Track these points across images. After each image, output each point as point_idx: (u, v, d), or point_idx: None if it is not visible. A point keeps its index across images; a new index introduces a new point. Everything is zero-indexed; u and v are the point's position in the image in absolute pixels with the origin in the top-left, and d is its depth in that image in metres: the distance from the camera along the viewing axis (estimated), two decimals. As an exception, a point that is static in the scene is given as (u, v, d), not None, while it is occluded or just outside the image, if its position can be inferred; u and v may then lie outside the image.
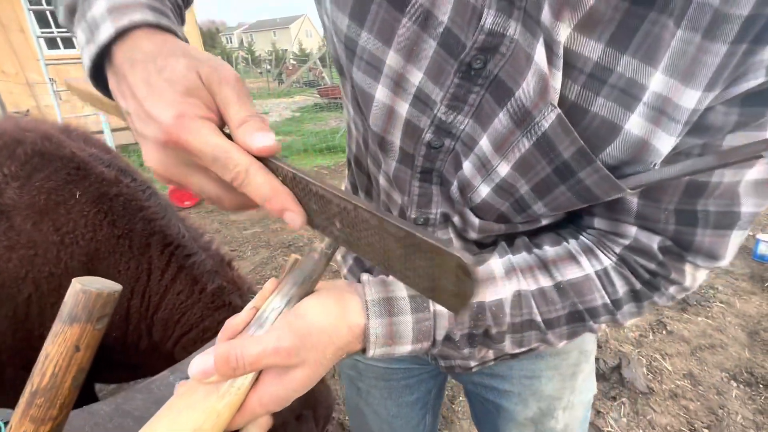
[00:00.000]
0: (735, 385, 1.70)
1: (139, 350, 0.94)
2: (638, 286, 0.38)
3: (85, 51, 0.30)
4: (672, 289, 0.38)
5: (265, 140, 0.27)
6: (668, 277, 0.37)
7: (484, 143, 0.34)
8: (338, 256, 0.63)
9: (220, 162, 0.27)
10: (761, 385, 1.68)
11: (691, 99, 0.27)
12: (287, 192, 0.29)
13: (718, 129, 0.29)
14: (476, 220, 0.39)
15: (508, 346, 0.39)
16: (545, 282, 0.38)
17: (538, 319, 0.38)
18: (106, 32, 0.28)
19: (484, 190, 0.36)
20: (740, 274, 2.44)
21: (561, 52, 0.27)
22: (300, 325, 0.31)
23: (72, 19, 0.32)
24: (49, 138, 0.91)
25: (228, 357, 0.28)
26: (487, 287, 0.37)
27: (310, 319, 0.31)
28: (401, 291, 0.36)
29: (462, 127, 0.34)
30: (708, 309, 2.16)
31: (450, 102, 0.33)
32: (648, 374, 1.77)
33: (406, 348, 0.35)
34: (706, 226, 0.33)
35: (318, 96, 9.69)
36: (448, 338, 0.36)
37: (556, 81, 0.28)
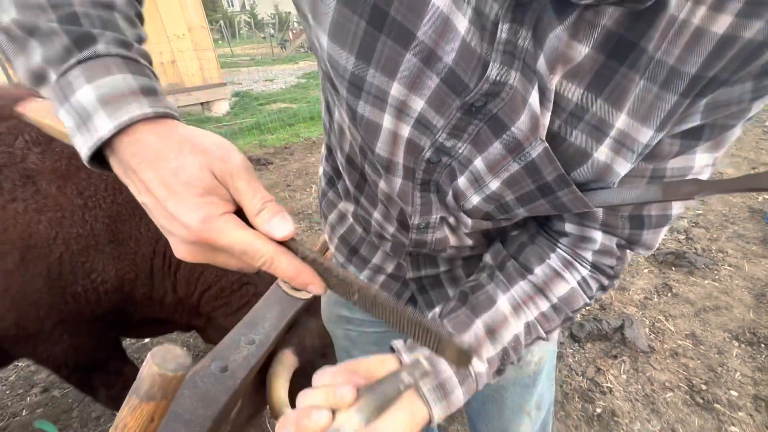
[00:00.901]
0: (736, 344, 1.74)
1: (165, 305, 1.01)
2: (606, 282, 0.49)
3: (78, 137, 0.31)
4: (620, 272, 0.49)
5: (283, 230, 0.32)
6: (622, 265, 0.48)
7: (479, 164, 0.38)
8: (326, 235, 0.66)
9: (249, 254, 0.32)
10: (763, 345, 1.72)
11: (645, 136, 0.33)
12: (309, 270, 0.34)
13: (665, 156, 0.36)
14: (469, 221, 0.45)
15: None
16: (544, 306, 0.48)
17: (543, 334, 0.48)
18: (104, 128, 0.30)
19: (475, 199, 0.42)
20: (752, 238, 2.42)
21: (552, 96, 0.32)
22: None
23: (38, 86, 0.33)
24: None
25: None
26: (503, 328, 0.46)
27: (396, 427, 0.36)
28: (447, 368, 0.43)
29: (460, 150, 0.38)
30: (716, 272, 2.17)
31: (451, 131, 0.37)
32: (650, 334, 1.82)
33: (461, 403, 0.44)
34: (649, 227, 0.43)
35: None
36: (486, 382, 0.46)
37: (546, 119, 0.33)
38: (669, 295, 2.05)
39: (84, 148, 0.31)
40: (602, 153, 0.35)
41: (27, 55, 0.32)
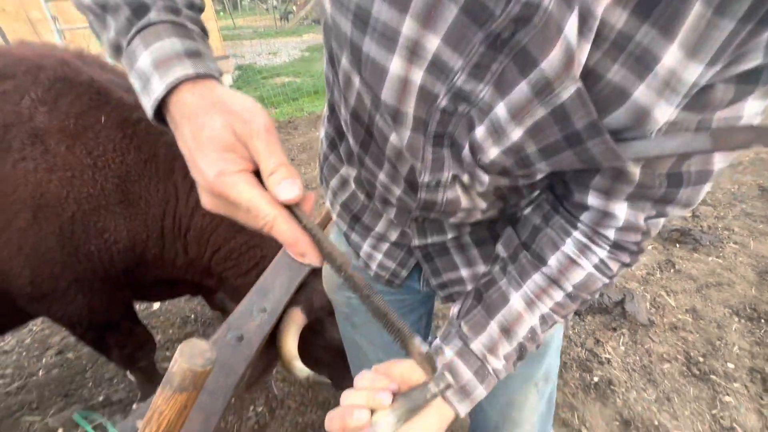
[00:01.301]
0: (737, 319, 1.76)
1: (176, 266, 1.03)
2: (628, 259, 0.46)
3: (144, 99, 0.35)
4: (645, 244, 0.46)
5: (289, 193, 0.33)
6: (649, 238, 0.44)
7: (500, 110, 0.34)
8: (327, 202, 0.65)
9: (252, 213, 0.33)
10: (763, 320, 1.74)
11: (693, 73, 0.29)
12: (306, 239, 0.35)
13: (716, 106, 0.31)
14: (486, 178, 0.41)
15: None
16: (558, 296, 0.47)
17: (560, 320, 0.48)
18: (157, 89, 0.33)
19: (493, 152, 0.38)
20: (760, 216, 2.40)
21: (596, 25, 0.28)
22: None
23: (118, 57, 0.38)
24: (67, 63, 0.92)
25: None
26: (518, 325, 0.47)
27: (427, 426, 0.42)
28: (466, 372, 0.46)
29: (481, 95, 0.34)
30: (720, 249, 2.17)
31: (472, 70, 0.33)
32: (651, 309, 1.84)
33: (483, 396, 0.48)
34: (688, 184, 0.39)
35: (328, 34, 9.10)
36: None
37: (583, 54, 0.29)
38: (672, 271, 2.06)
39: (148, 108, 0.35)
40: (642, 93, 0.30)
41: (107, 30, 0.37)
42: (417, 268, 0.63)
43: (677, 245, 2.24)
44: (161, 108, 0.35)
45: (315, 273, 1.01)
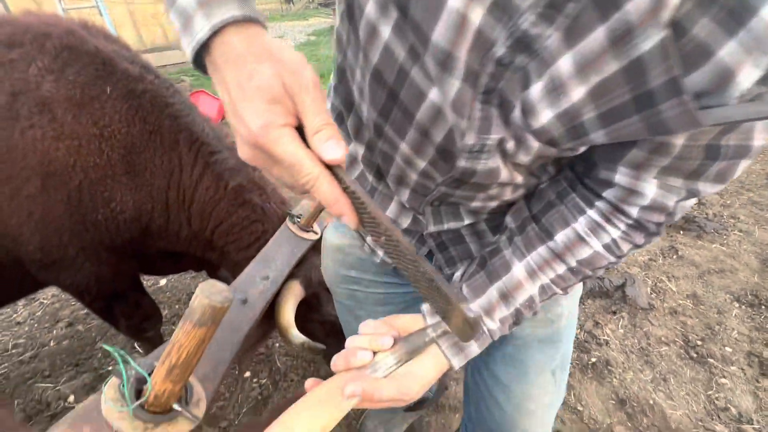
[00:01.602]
0: (737, 305, 1.76)
1: (181, 238, 1.05)
2: (641, 241, 0.44)
3: (183, 39, 0.34)
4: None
5: (335, 153, 0.32)
6: (672, 219, 0.42)
7: (565, 63, 0.30)
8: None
9: (295, 169, 0.32)
10: (764, 306, 1.74)
11: None
12: (346, 201, 0.34)
13: None
14: (535, 144, 0.38)
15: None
16: (561, 269, 0.47)
17: (559, 291, 0.48)
18: (201, 30, 0.32)
19: (546, 116, 0.34)
20: (767, 205, 2.38)
21: None
22: (416, 376, 0.44)
23: None
24: (73, 33, 0.93)
25: (372, 396, 0.41)
26: (517, 292, 0.48)
27: (423, 371, 0.45)
28: None
29: (547, 41, 0.30)
30: (725, 236, 2.15)
31: (544, 10, 0.29)
32: (651, 294, 1.85)
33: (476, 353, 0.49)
34: (725, 158, 0.35)
35: (333, 17, 9.01)
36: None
37: None
38: (674, 257, 2.05)
39: (188, 49, 0.33)
40: (729, 51, 0.27)
41: None
42: (429, 257, 0.60)
43: (681, 232, 2.23)
44: (201, 49, 0.33)
45: (314, 249, 1.03)
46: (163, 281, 2.02)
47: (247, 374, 1.53)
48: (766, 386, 1.42)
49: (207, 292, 0.42)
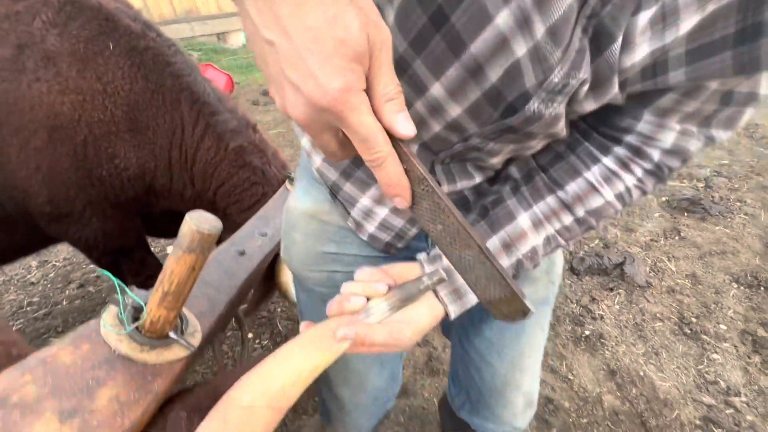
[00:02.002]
0: (736, 286, 1.76)
1: (185, 199, 1.08)
2: (650, 188, 0.43)
3: None
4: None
5: (408, 128, 0.28)
6: (680, 166, 0.42)
7: None
8: (305, 143, 0.53)
9: (368, 144, 0.28)
10: (762, 288, 1.74)
11: None
12: (407, 185, 0.31)
13: None
14: (614, 90, 0.34)
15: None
16: (567, 220, 0.45)
17: (563, 243, 0.47)
18: None
19: (642, 51, 0.30)
20: (775, 189, 2.34)
21: None
22: (409, 322, 0.43)
23: None
24: (76, -12, 0.94)
25: (364, 340, 0.40)
26: (521, 242, 0.45)
27: (417, 317, 0.44)
28: (461, 279, 0.44)
29: None
30: (729, 219, 2.13)
31: None
32: (650, 273, 1.85)
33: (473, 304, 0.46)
34: (735, 104, 0.36)
35: None
36: None
37: None
38: (676, 238, 2.05)
39: None
40: None
41: None
42: None
43: (685, 214, 2.21)
44: None
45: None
46: (169, 249, 2.08)
47: (250, 335, 1.59)
48: (757, 362, 1.44)
49: (195, 220, 0.44)
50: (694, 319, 1.61)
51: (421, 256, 0.48)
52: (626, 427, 1.26)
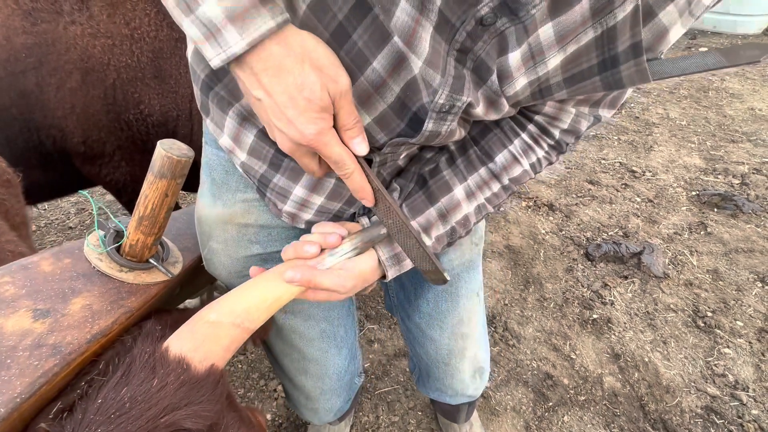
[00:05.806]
0: (760, 285, 1.69)
1: (203, 148, 1.12)
2: (555, 159, 0.53)
3: (208, 49, 0.31)
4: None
5: (362, 149, 0.39)
6: (576, 143, 0.49)
7: (546, 32, 0.32)
8: (226, 135, 0.50)
9: (338, 164, 0.39)
10: (789, 288, 1.66)
11: None
12: (370, 189, 0.42)
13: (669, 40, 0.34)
14: (506, 108, 0.40)
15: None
16: (496, 188, 0.52)
17: (492, 209, 0.54)
18: (236, 45, 0.31)
19: (521, 82, 0.36)
20: (819, 190, 2.19)
21: None
22: (353, 273, 0.48)
23: None
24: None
25: (310, 282, 0.44)
26: (455, 211, 0.51)
27: (360, 270, 0.48)
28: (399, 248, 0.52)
29: (534, 10, 0.30)
30: (762, 218, 2.02)
31: None
32: (669, 264, 1.80)
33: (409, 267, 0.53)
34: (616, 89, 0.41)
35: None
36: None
37: None
38: (702, 233, 1.96)
39: (216, 59, 0.32)
40: (667, 14, 0.31)
41: None
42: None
43: (715, 209, 2.11)
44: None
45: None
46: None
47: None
48: (771, 360, 1.39)
49: (167, 146, 0.46)
50: (709, 314, 1.57)
51: (363, 220, 0.53)
52: (624, 409, 1.26)
